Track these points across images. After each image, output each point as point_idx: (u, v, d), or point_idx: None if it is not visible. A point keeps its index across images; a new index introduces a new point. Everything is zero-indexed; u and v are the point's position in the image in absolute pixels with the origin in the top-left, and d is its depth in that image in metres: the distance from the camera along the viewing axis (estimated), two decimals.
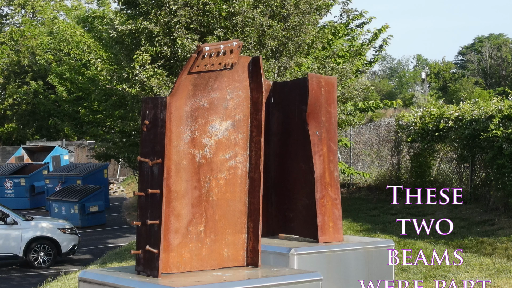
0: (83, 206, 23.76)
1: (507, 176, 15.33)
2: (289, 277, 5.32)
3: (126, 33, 14.93)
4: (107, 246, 20.01)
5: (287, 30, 14.50)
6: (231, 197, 5.57)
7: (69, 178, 27.78)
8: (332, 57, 16.37)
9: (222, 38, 14.03)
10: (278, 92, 6.87)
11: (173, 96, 5.26)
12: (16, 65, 46.03)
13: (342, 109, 16.11)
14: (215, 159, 5.50)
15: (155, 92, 13.86)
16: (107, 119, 24.58)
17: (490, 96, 48.20)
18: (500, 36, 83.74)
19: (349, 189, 22.36)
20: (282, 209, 6.86)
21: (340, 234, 6.69)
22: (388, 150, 22.26)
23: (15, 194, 29.46)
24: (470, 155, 17.43)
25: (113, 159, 28.74)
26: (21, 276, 16.67)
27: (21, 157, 37.73)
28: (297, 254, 6.15)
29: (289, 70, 14.63)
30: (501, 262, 12.76)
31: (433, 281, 11.69)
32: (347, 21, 18.18)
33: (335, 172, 6.73)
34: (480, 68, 76.08)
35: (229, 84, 5.57)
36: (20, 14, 55.84)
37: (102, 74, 19.64)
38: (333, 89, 6.76)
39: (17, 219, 17.65)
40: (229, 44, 5.41)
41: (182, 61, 14.26)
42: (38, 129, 45.89)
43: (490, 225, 15.50)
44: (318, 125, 6.64)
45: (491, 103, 17.07)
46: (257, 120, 5.67)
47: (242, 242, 5.62)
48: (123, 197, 34.00)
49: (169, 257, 5.25)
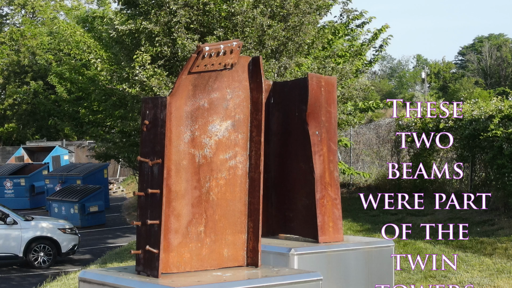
0: (83, 206, 23.76)
1: (507, 176, 15.33)
2: (289, 277, 5.32)
3: (126, 33, 14.94)
4: (107, 246, 20.01)
5: (287, 30, 14.50)
6: (231, 197, 5.57)
7: (69, 178, 27.78)
8: (332, 57, 16.38)
9: (222, 38, 14.03)
10: (278, 92, 6.87)
11: (173, 96, 5.26)
12: (16, 65, 46.01)
13: (342, 109, 16.11)
14: (215, 159, 5.49)
15: (155, 92, 13.86)
16: (107, 119, 24.57)
17: (490, 96, 48.19)
18: (500, 36, 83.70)
19: (349, 189, 22.35)
20: (282, 209, 6.86)
21: (340, 234, 6.69)
22: (388, 150, 22.25)
23: (15, 194, 29.45)
24: (470, 155, 17.42)
25: (113, 159, 28.73)
26: (21, 276, 16.67)
27: (21, 157, 37.72)
28: (297, 254, 6.15)
29: (289, 70, 14.63)
30: (501, 262, 12.76)
31: (433, 281, 11.69)
32: (347, 21, 18.20)
33: (335, 172, 6.73)
34: (480, 68, 76.07)
35: (229, 84, 5.57)
36: (20, 14, 55.83)
37: (102, 74, 19.65)
38: (333, 89, 6.76)
39: (17, 219, 17.65)
40: (229, 44, 5.41)
41: (182, 61, 14.26)
42: (38, 129, 45.87)
43: (490, 225, 15.50)
44: (318, 125, 6.64)
45: (491, 103, 17.06)
46: (257, 120, 5.66)
47: (242, 242, 5.62)
48: (123, 197, 34.00)
49: (169, 257, 5.25)
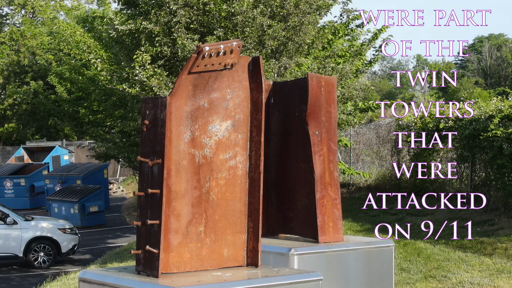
0: (83, 206, 23.75)
1: (507, 176, 15.33)
2: (289, 277, 5.32)
3: (126, 33, 14.94)
4: (107, 246, 20.00)
5: (287, 30, 14.50)
6: (231, 197, 5.57)
7: (69, 178, 27.77)
8: (332, 57, 16.38)
9: (222, 38, 14.03)
10: (278, 92, 6.87)
11: (173, 96, 5.26)
12: (16, 65, 46.01)
13: (342, 109, 16.11)
14: (215, 159, 5.49)
15: (155, 92, 13.86)
16: (107, 119, 24.57)
17: (490, 96, 48.18)
18: (500, 36, 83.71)
19: (349, 189, 22.35)
20: (282, 209, 6.85)
21: (340, 234, 6.69)
22: (388, 150, 22.25)
23: (15, 194, 29.44)
24: (470, 155, 17.42)
25: (113, 159, 28.73)
26: (21, 276, 16.67)
27: (21, 157, 37.71)
28: (297, 254, 6.15)
29: (289, 70, 14.63)
30: (501, 262, 12.75)
31: (433, 281, 11.69)
32: (347, 21, 18.20)
33: (335, 172, 6.73)
34: (480, 68, 76.07)
35: (229, 84, 5.57)
36: (20, 14, 55.81)
37: (102, 74, 19.65)
38: (333, 89, 6.76)
39: (17, 219, 17.65)
40: (229, 44, 5.41)
41: (182, 61, 14.26)
42: (38, 129, 45.87)
43: (490, 225, 15.50)
44: (318, 125, 6.64)
45: (491, 103, 17.05)
46: (257, 120, 5.66)
47: (242, 242, 5.62)
48: (123, 197, 33.99)
49: (169, 257, 5.25)
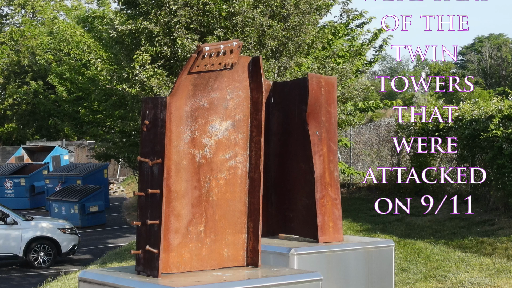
0: (83, 206, 23.75)
1: (507, 176, 15.32)
2: (289, 277, 5.32)
3: (126, 33, 14.93)
4: (107, 246, 20.00)
5: (287, 30, 14.50)
6: (231, 197, 5.57)
7: (69, 178, 27.77)
8: (332, 57, 16.37)
9: (222, 38, 14.03)
10: (278, 92, 6.87)
11: (173, 96, 5.26)
12: (16, 65, 46.00)
13: (342, 109, 16.11)
14: (215, 159, 5.49)
15: (155, 92, 13.86)
16: (107, 119, 24.57)
17: (490, 96, 48.19)
18: (500, 36, 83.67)
19: (349, 189, 22.35)
20: (282, 209, 6.85)
21: (340, 234, 6.68)
22: (388, 150, 22.24)
23: (15, 194, 29.44)
24: (470, 155, 17.41)
25: (113, 159, 28.74)
26: (21, 276, 16.67)
27: (21, 157, 37.71)
28: (297, 254, 6.15)
29: (289, 70, 14.63)
30: (501, 262, 12.75)
31: (433, 281, 11.69)
32: (347, 21, 18.19)
33: (335, 172, 6.73)
34: (480, 68, 76.05)
35: (229, 84, 5.57)
36: (20, 14, 55.80)
37: (102, 74, 19.63)
38: (333, 89, 6.76)
39: (17, 219, 17.65)
40: (229, 44, 5.41)
41: (182, 61, 14.26)
42: (38, 129, 45.86)
43: (490, 225, 15.50)
44: (318, 125, 6.64)
45: (491, 103, 17.04)
46: (257, 120, 5.66)
47: (242, 242, 5.62)
48: (123, 197, 33.99)
49: (169, 257, 5.25)
